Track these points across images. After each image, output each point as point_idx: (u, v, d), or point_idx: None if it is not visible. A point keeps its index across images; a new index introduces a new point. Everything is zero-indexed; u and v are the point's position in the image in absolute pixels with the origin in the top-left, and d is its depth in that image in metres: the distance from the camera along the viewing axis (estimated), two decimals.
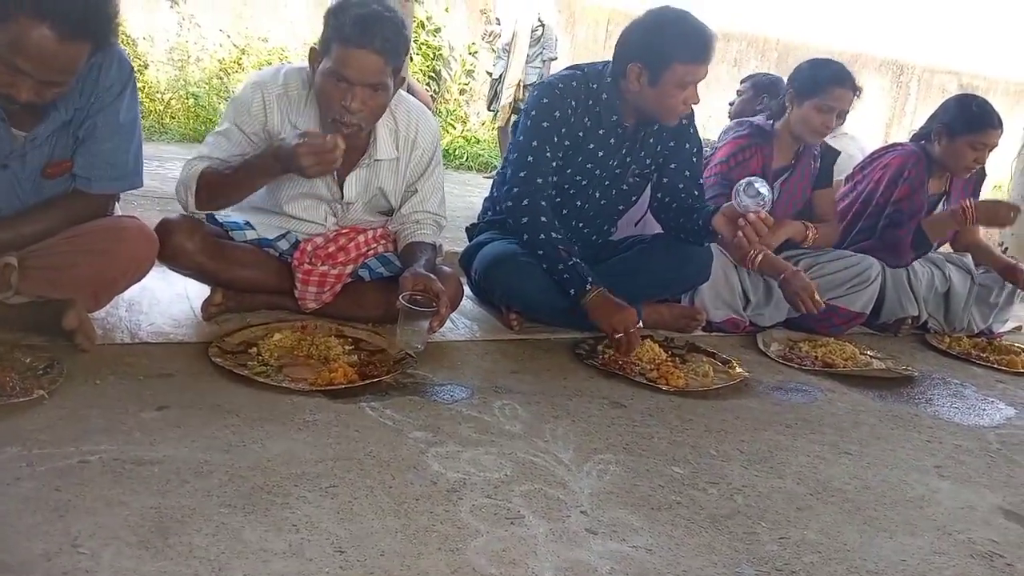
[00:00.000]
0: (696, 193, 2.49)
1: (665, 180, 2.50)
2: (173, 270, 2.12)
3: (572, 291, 2.24)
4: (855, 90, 2.74)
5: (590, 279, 2.23)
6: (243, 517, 1.23)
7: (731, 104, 4.37)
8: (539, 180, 2.32)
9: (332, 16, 1.98)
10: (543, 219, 2.29)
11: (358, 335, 2.11)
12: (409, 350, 1.98)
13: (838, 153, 3.01)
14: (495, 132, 7.68)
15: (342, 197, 2.21)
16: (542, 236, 2.28)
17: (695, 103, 2.32)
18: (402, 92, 2.22)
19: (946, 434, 2.11)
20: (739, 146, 2.79)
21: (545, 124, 2.33)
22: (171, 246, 2.01)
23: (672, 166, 2.48)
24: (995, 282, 3.27)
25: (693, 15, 2.26)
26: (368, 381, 1.81)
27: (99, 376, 1.67)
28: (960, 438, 2.09)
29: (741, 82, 4.38)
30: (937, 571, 1.39)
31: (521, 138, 2.38)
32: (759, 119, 2.92)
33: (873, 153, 3.25)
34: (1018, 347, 3.05)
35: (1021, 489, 1.81)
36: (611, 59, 2.38)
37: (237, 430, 1.52)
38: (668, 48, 2.22)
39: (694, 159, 2.52)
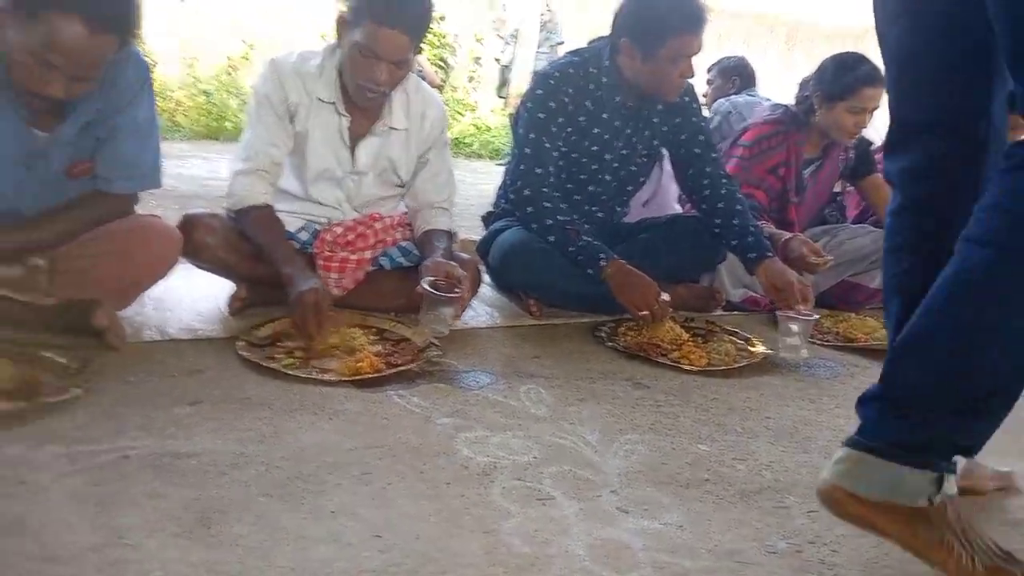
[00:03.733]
0: (713, 157, 2.51)
1: (682, 151, 2.52)
2: (196, 266, 2.15)
3: (590, 270, 2.25)
4: (885, 85, 2.68)
5: (602, 255, 2.24)
6: (281, 505, 1.26)
7: (704, 95, 4.36)
8: (538, 170, 2.34)
9: None
10: (546, 205, 2.32)
11: (381, 325, 2.13)
12: (433, 336, 2.01)
13: (871, 142, 2.98)
14: (505, 119, 7.69)
15: (354, 166, 2.24)
16: (548, 222, 2.31)
17: (690, 76, 2.33)
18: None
19: None
20: (767, 132, 2.77)
21: (541, 115, 2.36)
22: (194, 241, 2.04)
23: (683, 137, 2.51)
24: None
25: None
26: (394, 370, 1.83)
27: (131, 374, 1.70)
28: None
29: (708, 71, 4.36)
30: None
31: (520, 131, 2.41)
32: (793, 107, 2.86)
33: None
34: None
35: None
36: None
37: (269, 422, 1.55)
38: (658, 22, 2.24)
39: (703, 124, 2.54)
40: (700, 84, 4.53)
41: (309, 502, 1.28)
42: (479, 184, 5.45)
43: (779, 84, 2.86)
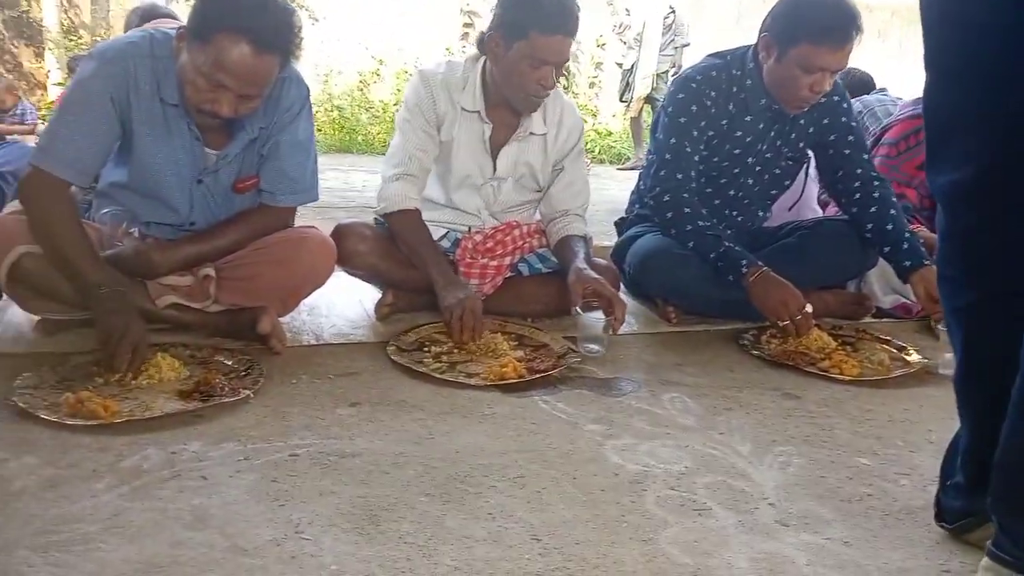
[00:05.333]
0: (864, 158, 2.41)
1: (830, 153, 2.42)
2: (347, 272, 2.26)
3: (731, 277, 2.20)
4: None
5: (745, 261, 2.19)
6: (442, 506, 1.30)
7: None
8: (679, 176, 2.32)
9: (526, 5, 2.09)
10: (687, 210, 2.29)
11: (520, 331, 2.16)
12: (591, 355, 2.03)
13: None
14: (627, 123, 7.64)
15: (494, 172, 2.29)
16: (689, 227, 2.28)
17: (820, 91, 2.20)
18: None
19: None
20: (912, 128, 2.65)
21: (682, 119, 2.33)
22: (346, 249, 2.14)
23: (832, 138, 2.41)
24: None
25: None
26: (537, 376, 1.86)
27: (294, 376, 1.80)
28: None
29: None
30: None
31: (660, 135, 2.39)
32: None
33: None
34: None
35: None
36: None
37: (424, 423, 1.60)
38: (798, 24, 2.15)
39: (853, 124, 2.42)
40: None
41: (468, 503, 1.32)
42: (603, 190, 5.44)
43: (920, 79, 2.65)
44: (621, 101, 7.32)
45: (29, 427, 1.48)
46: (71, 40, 7.24)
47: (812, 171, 2.62)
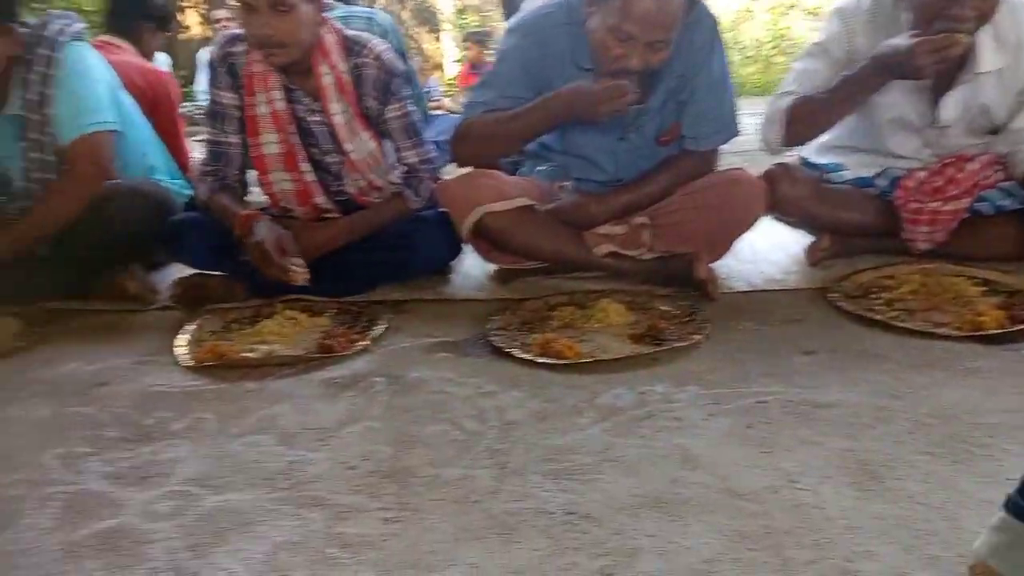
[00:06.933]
0: None
1: None
2: (778, 219, 2.15)
3: None
4: None
5: None
6: (950, 466, 1.16)
7: None
8: None
9: None
10: None
11: (986, 275, 1.88)
12: None
13: None
14: None
15: (934, 121, 2.00)
16: None
17: None
18: None
19: None
20: None
21: None
22: (778, 194, 2.03)
23: None
24: None
25: None
26: (1020, 326, 1.59)
27: (737, 322, 1.76)
28: None
29: None
30: None
31: None
32: None
33: None
34: None
35: None
36: None
37: (896, 376, 1.46)
38: None
39: None
40: None
41: (977, 466, 1.16)
42: None
43: None
44: None
45: (506, 364, 1.62)
46: (462, 20, 8.00)
47: None
